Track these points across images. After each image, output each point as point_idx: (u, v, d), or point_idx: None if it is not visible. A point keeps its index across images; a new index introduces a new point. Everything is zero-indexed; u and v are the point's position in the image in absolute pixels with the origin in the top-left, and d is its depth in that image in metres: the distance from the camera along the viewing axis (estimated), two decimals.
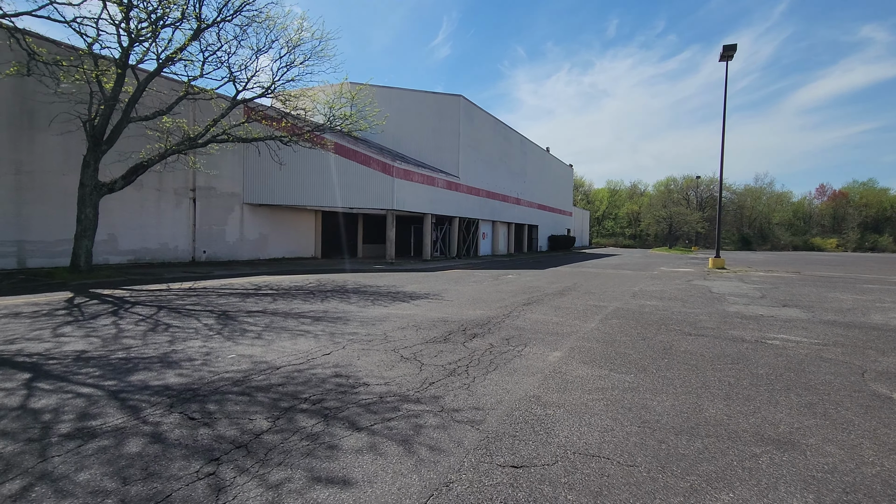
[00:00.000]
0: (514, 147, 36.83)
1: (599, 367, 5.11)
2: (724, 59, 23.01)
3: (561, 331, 7.07)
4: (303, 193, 21.17)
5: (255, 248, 21.66)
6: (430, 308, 8.98)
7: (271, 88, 14.76)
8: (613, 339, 6.58)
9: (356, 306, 9.05)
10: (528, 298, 10.67)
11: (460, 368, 4.96)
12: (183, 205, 18.29)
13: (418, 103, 28.75)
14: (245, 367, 4.80)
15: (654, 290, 12.83)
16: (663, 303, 10.38)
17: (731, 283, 15.43)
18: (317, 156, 20.97)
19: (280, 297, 10.06)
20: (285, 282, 13.29)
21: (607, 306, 9.72)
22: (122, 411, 3.59)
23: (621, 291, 12.53)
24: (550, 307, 9.42)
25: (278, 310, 8.40)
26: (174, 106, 12.86)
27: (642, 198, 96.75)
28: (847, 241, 78.56)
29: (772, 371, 5.10)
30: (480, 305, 9.44)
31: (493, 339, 6.38)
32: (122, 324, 6.87)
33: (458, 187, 27.52)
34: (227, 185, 20.21)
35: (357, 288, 12.20)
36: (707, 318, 8.50)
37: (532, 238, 42.56)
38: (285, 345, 5.80)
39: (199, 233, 18.87)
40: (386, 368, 4.89)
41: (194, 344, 5.73)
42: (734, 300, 11.01)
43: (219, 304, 8.88)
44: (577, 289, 12.95)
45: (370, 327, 7.03)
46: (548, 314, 8.56)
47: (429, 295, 11.00)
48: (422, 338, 6.38)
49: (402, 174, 21.65)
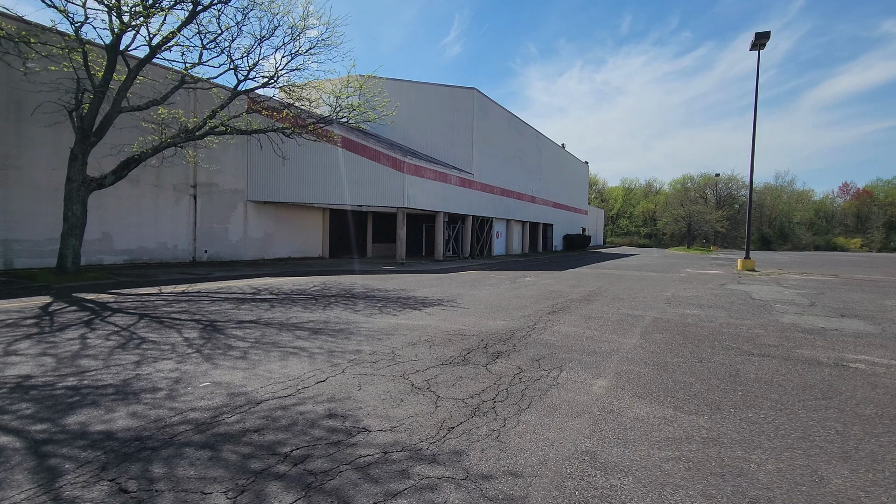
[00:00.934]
0: (529, 143, 35.63)
1: (660, 404, 4.07)
2: (755, 47, 21.64)
3: (599, 348, 6.03)
4: (310, 190, 20.31)
5: (260, 247, 20.87)
6: (445, 317, 7.99)
7: (275, 78, 13.88)
8: (664, 360, 5.53)
9: (362, 315, 8.09)
10: (552, 306, 9.62)
11: (486, 404, 3.96)
12: (183, 202, 17.51)
13: (430, 97, 27.73)
14: (217, 402, 3.85)
15: (688, 296, 11.68)
16: (705, 312, 9.26)
17: (770, 287, 14.19)
18: (324, 151, 20.10)
19: (279, 304, 9.14)
20: (287, 285, 12.41)
21: (643, 316, 8.63)
22: (33, 477, 2.65)
23: (653, 297, 11.41)
24: (579, 317, 8.37)
25: (273, 319, 7.47)
26: (170, 95, 12.03)
27: (657, 196, 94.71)
28: (872, 241, 75.88)
29: (881, 411, 4.02)
30: (501, 314, 8.42)
31: (521, 360, 5.36)
32: (90, 338, 5.98)
33: (472, 184, 26.47)
34: (230, 181, 19.41)
35: (364, 292, 11.26)
36: (763, 331, 7.38)
37: (547, 237, 41.34)
38: (273, 368, 4.85)
39: (200, 231, 18.09)
40: (393, 404, 3.91)
41: (165, 366, 4.81)
42: (783, 308, 9.83)
43: (208, 312, 7.98)
44: (604, 294, 11.85)
45: (376, 343, 6.05)
46: (578, 326, 7.51)
47: (442, 301, 10.01)
48: (436, 357, 5.39)
49: (413, 170, 20.68)
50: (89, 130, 10.96)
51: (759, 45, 21.52)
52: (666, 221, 67.44)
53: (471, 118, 26.50)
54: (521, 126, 33.96)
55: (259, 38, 13.44)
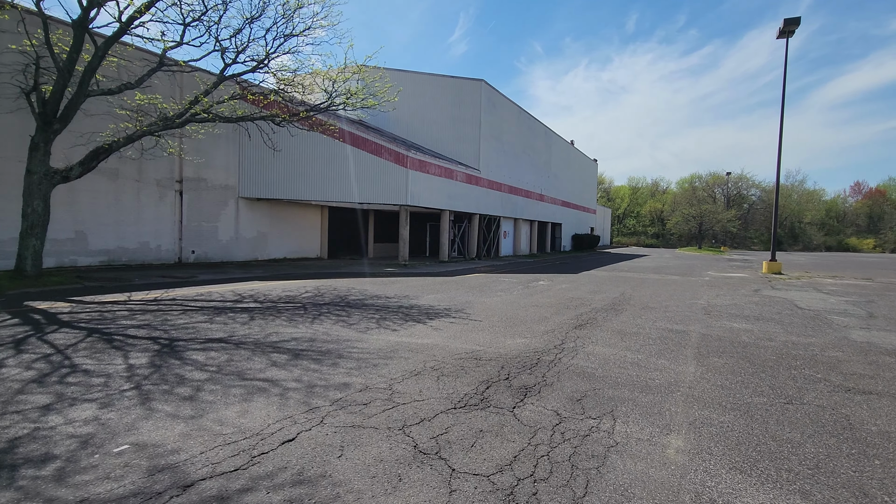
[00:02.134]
0: (538, 139, 34.26)
1: (779, 487, 2.79)
2: (783, 35, 20.25)
3: (651, 380, 4.74)
4: (306, 187, 19.05)
5: (253, 247, 19.59)
6: (454, 334, 6.72)
7: (265, 62, 12.64)
8: (744, 401, 4.23)
9: (355, 330, 6.83)
10: (576, 317, 8.33)
11: (522, 488, 2.69)
12: (167, 198, 16.24)
13: (435, 89, 26.41)
14: (126, 487, 2.59)
15: (725, 305, 10.36)
16: (756, 326, 7.95)
17: (809, 294, 12.84)
18: (322, 145, 18.85)
19: (260, 315, 7.90)
20: (276, 290, 11.17)
21: (687, 332, 7.33)
22: None
23: (687, 306, 10.10)
24: (612, 332, 7.08)
25: (249, 337, 6.22)
26: (146, 78, 10.80)
27: (665, 196, 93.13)
28: (885, 241, 74.12)
29: None
30: (519, 329, 7.15)
31: (557, 400, 4.10)
32: (8, 365, 4.75)
33: (479, 181, 25.16)
34: (220, 176, 18.10)
35: (361, 300, 10.00)
36: (840, 353, 6.07)
37: (555, 237, 39.96)
38: (227, 415, 3.60)
39: (186, 230, 16.83)
40: (386, 487, 2.65)
41: (81, 414, 3.56)
42: (842, 322, 8.51)
43: (173, 327, 6.74)
44: (631, 302, 10.55)
45: (370, 372, 4.80)
46: (615, 346, 6.22)
47: (450, 311, 8.74)
48: (446, 395, 4.13)
49: (417, 165, 19.40)
50: (52, 116, 9.74)
51: (787, 33, 20.13)
52: (676, 221, 65.92)
53: (478, 112, 25.19)
54: (530, 121, 32.61)
55: (249, 18, 12.21)
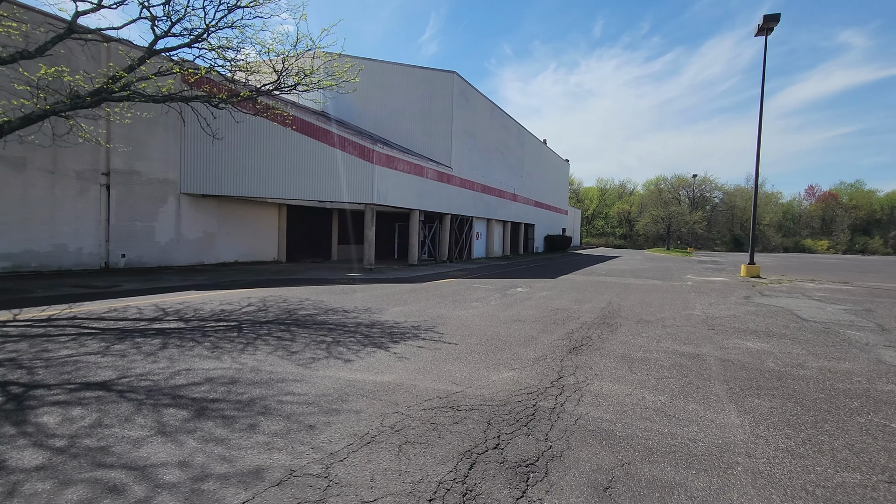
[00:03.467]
0: (511, 136, 33.19)
1: None
2: (762, 32, 19.91)
3: (691, 442, 3.46)
4: (260, 183, 17.14)
5: (198, 250, 17.47)
6: (424, 365, 5.30)
7: (204, 36, 10.84)
8: (831, 480, 3.00)
9: (296, 363, 5.30)
10: (567, 336, 7.06)
11: None
12: (90, 193, 13.99)
13: (405, 80, 24.84)
14: None
15: (724, 316, 9.36)
16: (770, 345, 6.89)
17: (803, 301, 12.11)
18: (277, 137, 17.03)
19: (177, 341, 6.23)
20: (213, 303, 9.44)
21: (701, 356, 6.15)
22: None
23: (683, 318, 9.02)
24: (616, 359, 5.82)
25: (145, 378, 4.60)
26: (50, 46, 8.86)
27: (632, 197, 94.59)
28: (838, 243, 77.58)
29: None
30: (503, 355, 5.79)
31: (575, 490, 2.74)
32: None
33: (451, 179, 23.79)
34: (158, 168, 15.93)
35: (313, 315, 8.42)
36: (885, 383, 5.00)
37: (528, 238, 39.06)
38: None
39: (115, 230, 14.64)
40: None
41: None
42: (859, 337, 7.58)
43: (45, 364, 5.03)
44: (622, 314, 9.40)
45: (300, 442, 3.31)
46: (625, 380, 4.95)
47: (419, 329, 7.31)
48: (410, 487, 2.71)
49: (384, 161, 17.84)
50: None
51: (766, 30, 19.79)
52: (645, 222, 66.70)
53: (450, 105, 23.81)
54: (504, 118, 31.49)
55: None
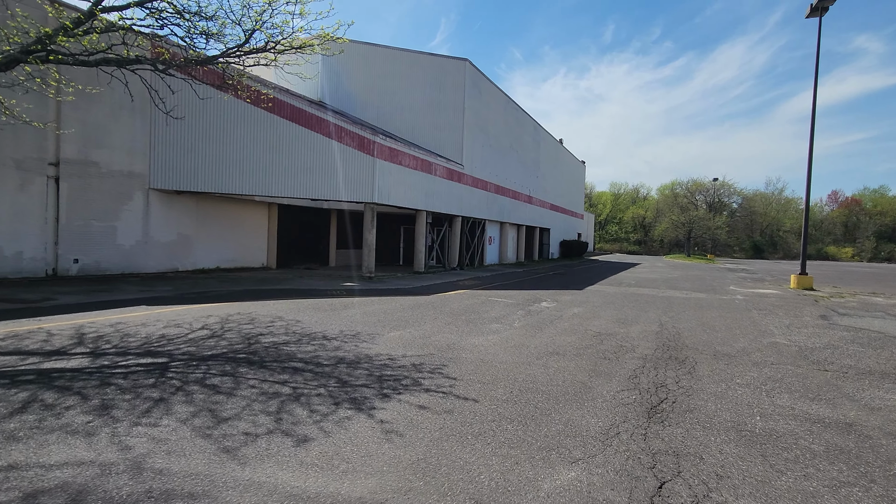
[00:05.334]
0: (527, 134, 30.95)
1: None
2: (815, 12, 17.54)
3: None
4: (245, 178, 15.05)
5: (171, 254, 15.23)
6: (426, 452, 3.10)
7: None
8: None
9: (215, 446, 3.12)
10: (631, 383, 4.82)
11: None
12: (33, 187, 11.88)
13: (412, 68, 22.75)
14: None
15: (819, 347, 7.05)
16: None
17: (888, 321, 9.75)
18: (265, 126, 14.98)
19: (53, 394, 4.10)
20: (157, 323, 7.32)
21: (850, 422, 3.90)
22: None
23: (770, 350, 6.72)
24: (733, 437, 3.58)
25: None
26: None
27: (646, 202, 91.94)
28: (863, 250, 74.28)
29: None
30: (552, 428, 3.58)
31: None
32: None
33: (462, 178, 21.61)
34: (121, 159, 13.72)
35: (279, 344, 6.26)
36: None
37: (543, 243, 36.72)
38: None
39: (66, 231, 12.54)
40: None
41: None
42: None
43: None
44: (687, 344, 7.13)
45: None
46: (768, 488, 2.71)
47: (421, 372, 5.11)
48: None
49: (386, 154, 15.73)
50: None
51: (820, 10, 17.39)
52: (664, 227, 64.03)
53: (461, 96, 21.66)
54: (519, 113, 29.28)
55: None
